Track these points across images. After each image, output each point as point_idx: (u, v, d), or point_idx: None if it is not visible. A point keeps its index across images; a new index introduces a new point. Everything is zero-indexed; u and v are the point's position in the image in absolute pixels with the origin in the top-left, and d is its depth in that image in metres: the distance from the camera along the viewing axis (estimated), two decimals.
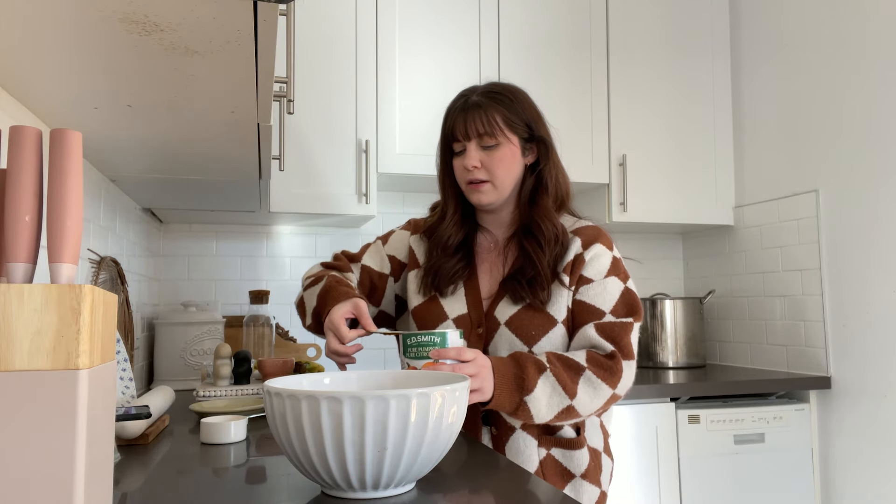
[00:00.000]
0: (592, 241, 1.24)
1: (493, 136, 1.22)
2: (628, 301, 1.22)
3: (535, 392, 1.10)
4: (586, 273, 1.22)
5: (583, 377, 1.14)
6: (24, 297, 0.49)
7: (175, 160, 1.37)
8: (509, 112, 1.24)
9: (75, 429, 0.49)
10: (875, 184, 2.01)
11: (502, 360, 1.13)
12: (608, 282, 1.22)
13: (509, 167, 1.24)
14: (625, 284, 1.23)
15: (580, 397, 1.13)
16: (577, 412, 1.15)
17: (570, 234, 1.26)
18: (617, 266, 1.25)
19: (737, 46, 2.55)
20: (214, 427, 1.11)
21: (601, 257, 1.24)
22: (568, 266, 1.23)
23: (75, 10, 0.70)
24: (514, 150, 1.24)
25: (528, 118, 1.26)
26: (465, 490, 0.82)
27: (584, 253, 1.23)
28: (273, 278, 2.40)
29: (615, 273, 1.23)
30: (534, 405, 1.11)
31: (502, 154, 1.23)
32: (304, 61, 2.08)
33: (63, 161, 0.54)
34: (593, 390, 1.14)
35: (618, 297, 1.22)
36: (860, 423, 2.03)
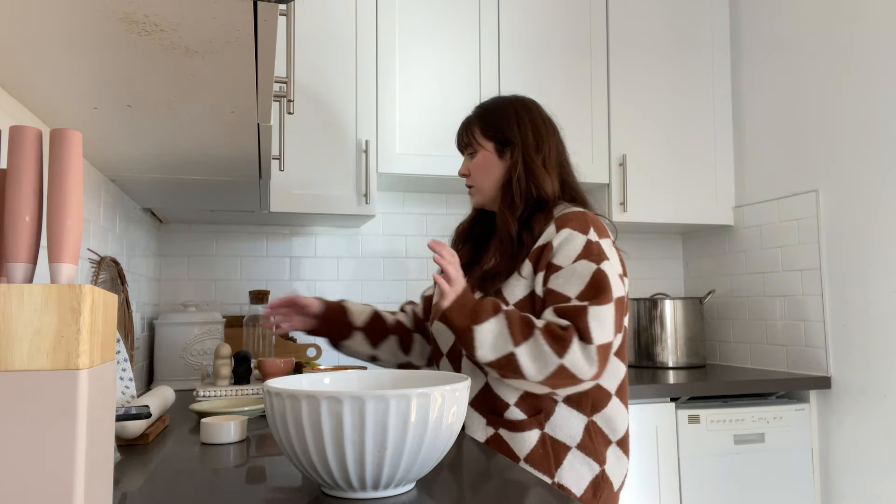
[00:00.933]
0: (563, 225, 1.25)
1: (471, 146, 1.40)
2: (597, 283, 1.19)
3: (483, 325, 1.16)
4: (555, 260, 1.23)
5: (532, 336, 1.15)
6: (24, 297, 0.49)
7: (175, 160, 1.37)
8: (483, 122, 1.39)
9: (75, 429, 0.49)
10: (875, 184, 2.01)
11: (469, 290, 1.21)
12: (577, 266, 1.21)
13: (486, 171, 1.37)
14: (597, 266, 1.20)
15: (521, 350, 1.14)
16: (521, 369, 1.14)
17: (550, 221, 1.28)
18: (590, 249, 1.22)
19: (737, 46, 2.55)
20: (214, 427, 1.11)
21: (570, 241, 1.23)
22: (535, 252, 1.26)
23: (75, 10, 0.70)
24: (489, 154, 1.37)
25: (501, 124, 1.37)
26: (465, 490, 0.82)
27: (553, 239, 1.24)
28: (273, 278, 2.40)
29: (587, 256, 1.21)
30: (479, 335, 1.16)
31: (478, 160, 1.39)
32: (304, 61, 2.08)
33: (63, 161, 0.54)
34: (537, 351, 1.14)
35: (588, 280, 1.19)
36: (860, 423, 2.03)
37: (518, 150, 1.34)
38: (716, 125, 2.51)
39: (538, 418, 1.23)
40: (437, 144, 2.17)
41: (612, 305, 1.18)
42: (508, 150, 1.36)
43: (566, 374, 1.15)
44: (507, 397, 1.25)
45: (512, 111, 1.38)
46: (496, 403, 1.26)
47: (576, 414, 1.25)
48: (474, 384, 1.30)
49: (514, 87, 2.26)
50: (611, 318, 1.17)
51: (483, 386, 1.28)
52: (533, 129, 1.36)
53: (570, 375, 1.15)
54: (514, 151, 1.35)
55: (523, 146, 1.34)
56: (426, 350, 1.55)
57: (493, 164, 1.37)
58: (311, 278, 2.43)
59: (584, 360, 1.15)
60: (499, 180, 1.36)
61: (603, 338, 1.16)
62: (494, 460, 0.97)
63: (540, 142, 1.35)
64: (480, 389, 1.29)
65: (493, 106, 1.41)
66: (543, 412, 1.24)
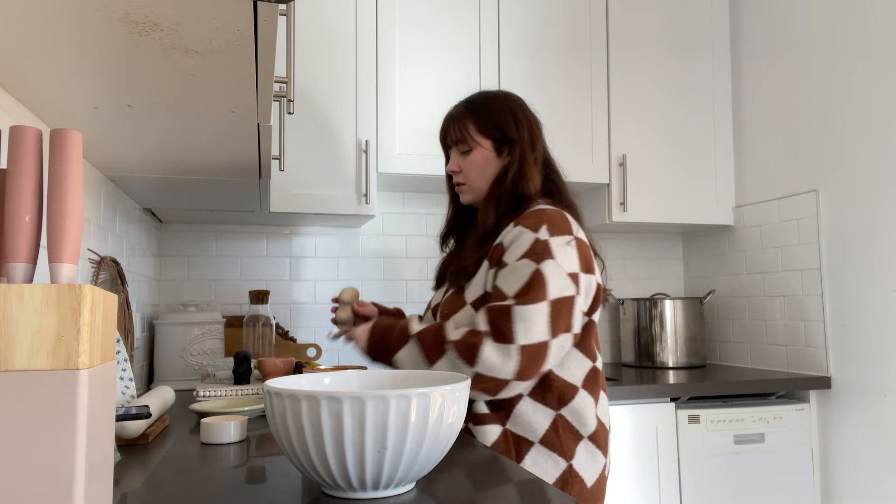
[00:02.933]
0: (518, 224, 1.24)
1: (465, 142, 1.36)
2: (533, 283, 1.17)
3: (398, 355, 1.24)
4: (505, 257, 1.22)
5: (444, 354, 1.19)
6: (24, 297, 0.49)
7: (175, 160, 1.37)
8: (479, 118, 1.35)
9: (75, 429, 0.49)
10: (875, 184, 2.01)
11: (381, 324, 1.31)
12: (518, 265, 1.20)
13: (482, 169, 1.35)
14: (537, 265, 1.18)
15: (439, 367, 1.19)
16: None
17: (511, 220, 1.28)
18: (535, 248, 1.20)
19: (737, 47, 2.55)
20: (214, 427, 1.11)
21: (518, 239, 1.22)
22: (492, 252, 1.26)
23: (75, 10, 0.70)
24: (486, 152, 1.35)
25: (500, 121, 1.35)
26: (465, 490, 0.82)
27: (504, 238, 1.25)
28: (273, 278, 2.40)
29: (530, 255, 1.19)
30: (400, 366, 1.24)
31: (474, 157, 1.35)
32: (304, 61, 2.08)
33: (63, 161, 0.54)
34: (451, 365, 1.18)
35: (526, 280, 1.17)
36: (860, 423, 2.03)
37: (518, 149, 1.33)
38: (716, 125, 2.51)
39: (500, 414, 1.24)
40: (437, 144, 2.17)
41: (545, 305, 1.16)
42: (507, 148, 1.34)
43: (484, 378, 1.16)
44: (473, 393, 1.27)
45: (507, 108, 1.36)
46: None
47: (541, 408, 1.24)
48: None
49: (514, 88, 2.26)
50: (541, 318, 1.15)
51: None
52: (528, 127, 1.35)
53: (490, 378, 1.16)
54: (513, 150, 1.33)
55: (521, 145, 1.33)
56: None
57: (491, 162, 1.35)
58: (311, 278, 2.43)
59: (499, 360, 1.15)
60: (493, 178, 1.35)
61: (528, 338, 1.14)
62: (495, 460, 0.97)
63: (534, 140, 1.35)
64: None
65: (485, 102, 1.38)
66: (505, 408, 1.24)
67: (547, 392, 1.25)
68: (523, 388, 1.19)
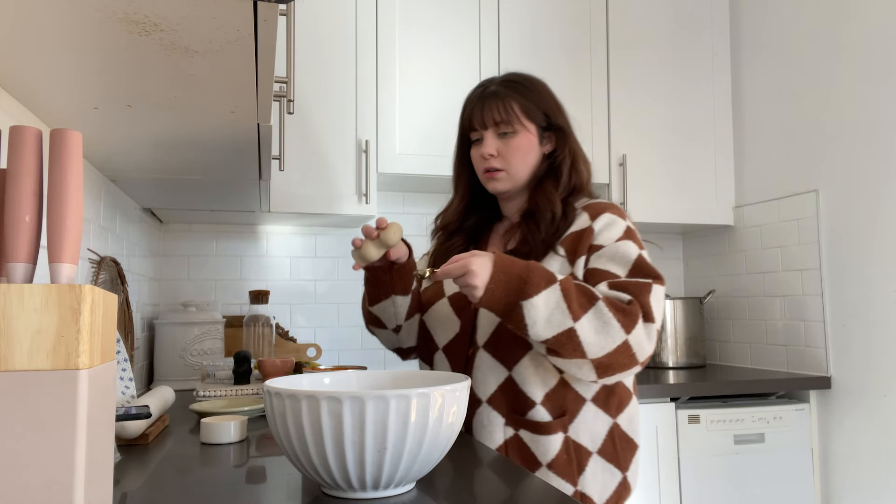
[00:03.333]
0: (601, 211, 1.20)
1: (509, 124, 1.23)
2: (645, 266, 1.13)
3: (534, 299, 1.02)
4: (597, 241, 1.16)
5: (594, 306, 1.04)
6: (24, 297, 0.49)
7: (175, 160, 1.37)
8: (527, 101, 1.25)
9: (75, 429, 0.49)
10: (875, 184, 2.01)
11: (509, 259, 1.05)
12: (621, 245, 1.15)
13: (525, 155, 1.25)
14: (640, 251, 1.15)
15: (583, 325, 1.02)
16: (581, 345, 1.02)
17: (577, 210, 1.22)
18: (631, 234, 1.18)
19: (737, 46, 2.55)
20: (214, 427, 1.11)
21: (612, 225, 1.18)
22: (570, 238, 1.18)
23: (75, 10, 0.70)
24: (532, 138, 1.25)
25: (546, 106, 1.26)
26: (465, 490, 0.82)
27: (592, 224, 1.18)
28: (273, 278, 2.40)
29: (629, 238, 1.16)
30: (530, 312, 1.02)
31: (518, 142, 1.24)
32: (304, 61, 2.08)
33: (63, 161, 0.54)
34: (602, 324, 1.03)
35: (633, 262, 1.13)
36: (860, 423, 2.03)
37: (569, 138, 1.27)
38: (716, 125, 2.51)
39: (562, 420, 1.14)
40: (437, 144, 2.17)
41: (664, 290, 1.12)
42: (550, 135, 1.27)
43: (628, 352, 1.04)
44: (534, 394, 1.14)
45: (549, 93, 1.29)
46: (520, 401, 1.15)
47: (601, 415, 1.16)
48: (493, 378, 1.17)
49: None
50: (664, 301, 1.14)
51: (505, 380, 1.16)
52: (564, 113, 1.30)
53: (631, 355, 1.05)
54: (559, 137, 1.27)
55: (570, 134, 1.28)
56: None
57: (534, 149, 1.26)
58: (310, 278, 2.43)
59: (646, 340, 1.06)
60: (535, 167, 1.26)
61: (659, 320, 1.09)
62: (494, 460, 0.97)
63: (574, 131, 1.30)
64: (500, 385, 1.16)
65: (528, 84, 1.28)
66: (568, 413, 1.14)
67: (610, 397, 1.17)
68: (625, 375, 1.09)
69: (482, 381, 1.18)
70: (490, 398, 1.17)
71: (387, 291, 1.26)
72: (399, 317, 1.30)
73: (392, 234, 1.11)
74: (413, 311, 1.32)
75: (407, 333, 1.35)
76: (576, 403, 1.15)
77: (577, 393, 1.16)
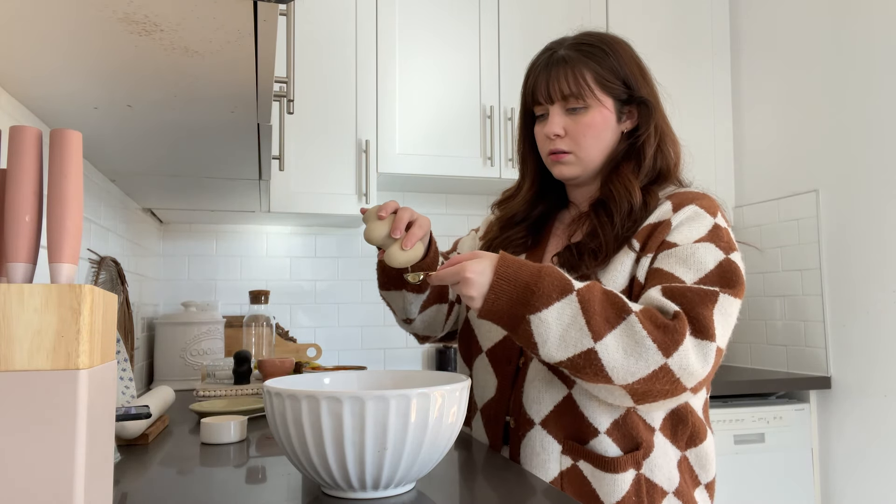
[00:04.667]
0: (687, 202, 0.98)
1: (580, 98, 1.02)
2: (726, 273, 0.92)
3: (543, 313, 0.84)
4: (671, 238, 0.95)
5: (625, 321, 0.85)
6: (24, 297, 0.49)
7: (175, 160, 1.37)
8: (602, 68, 1.03)
9: (75, 429, 0.49)
10: (875, 184, 2.01)
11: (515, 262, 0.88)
12: (699, 248, 0.93)
13: (599, 135, 1.03)
14: (726, 255, 0.94)
15: (608, 344, 0.84)
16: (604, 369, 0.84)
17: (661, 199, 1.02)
18: (717, 233, 0.96)
19: (737, 46, 2.55)
20: (214, 427, 1.11)
21: (695, 220, 0.96)
22: (645, 231, 0.98)
23: (75, 10, 0.70)
24: (607, 114, 1.04)
25: (627, 74, 1.04)
26: (465, 490, 0.82)
27: (672, 217, 0.97)
28: (273, 278, 2.40)
29: (713, 240, 0.95)
30: (539, 329, 0.85)
31: (591, 119, 1.03)
32: (304, 61, 2.08)
33: (63, 161, 0.54)
34: (633, 344, 0.84)
35: (711, 268, 0.92)
36: (860, 423, 2.03)
37: (656, 114, 1.05)
38: (716, 125, 2.51)
39: (635, 455, 0.94)
40: (437, 144, 2.17)
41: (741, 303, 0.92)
42: (632, 109, 1.06)
43: (668, 378, 0.85)
44: (598, 421, 0.95)
45: (633, 59, 1.07)
46: (580, 427, 0.96)
47: (671, 447, 0.97)
48: (550, 397, 0.98)
49: (514, 88, 2.26)
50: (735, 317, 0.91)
51: (562, 400, 0.97)
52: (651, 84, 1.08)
53: (673, 381, 0.85)
54: (642, 112, 1.05)
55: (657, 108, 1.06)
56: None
57: (610, 127, 1.04)
58: (310, 278, 2.43)
59: (697, 360, 0.86)
60: (611, 148, 1.05)
61: (723, 340, 0.89)
62: (494, 460, 0.97)
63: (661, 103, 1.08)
64: (558, 405, 0.97)
65: (605, 45, 1.04)
66: (643, 446, 0.95)
67: (679, 426, 0.98)
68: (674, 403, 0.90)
69: (536, 400, 0.98)
70: (544, 420, 0.97)
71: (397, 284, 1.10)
72: (409, 311, 1.14)
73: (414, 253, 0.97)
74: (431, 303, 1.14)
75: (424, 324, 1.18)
76: (648, 434, 0.96)
77: (646, 422, 0.96)
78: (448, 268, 0.88)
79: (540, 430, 0.97)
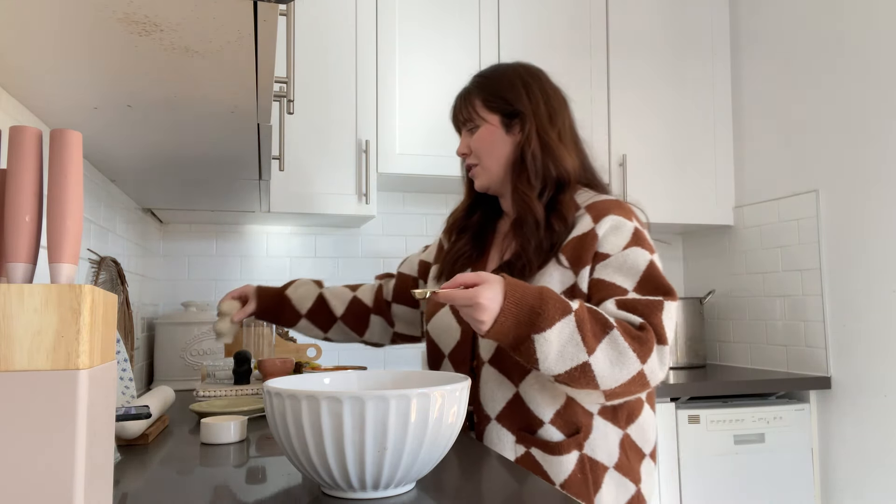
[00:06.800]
0: (605, 213, 1.11)
1: (471, 120, 1.23)
2: (654, 277, 1.06)
3: (547, 333, 0.94)
4: (602, 249, 1.09)
5: (609, 335, 0.97)
6: (24, 297, 0.49)
7: (175, 160, 1.37)
8: (487, 91, 1.22)
9: (75, 429, 0.49)
10: (875, 184, 2.01)
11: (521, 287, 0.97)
12: (629, 253, 1.07)
13: (490, 147, 1.21)
14: (650, 258, 1.08)
15: (598, 357, 0.96)
16: (595, 378, 0.97)
17: (580, 211, 1.14)
18: (639, 238, 1.10)
19: (737, 46, 2.55)
20: (214, 427, 1.11)
21: (618, 230, 1.10)
22: (572, 244, 1.11)
23: (75, 10, 0.70)
24: (493, 129, 1.21)
25: (507, 91, 1.21)
26: (465, 490, 0.82)
27: (595, 227, 1.10)
28: (273, 278, 2.40)
29: (637, 243, 1.09)
30: (542, 347, 0.95)
31: (480, 135, 1.22)
32: (304, 61, 2.08)
33: (63, 161, 0.54)
34: (617, 355, 0.97)
35: (643, 269, 1.06)
36: (860, 423, 2.03)
37: (530, 123, 1.18)
38: (716, 125, 2.51)
39: (577, 438, 1.09)
40: (437, 144, 2.17)
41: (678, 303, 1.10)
42: (517, 122, 1.20)
43: (641, 381, 0.99)
44: (542, 413, 1.09)
45: (518, 79, 1.22)
46: (528, 419, 1.10)
47: (612, 428, 1.11)
48: (501, 394, 1.12)
49: None
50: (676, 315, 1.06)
51: (512, 397, 1.12)
52: (544, 99, 1.21)
53: (643, 383, 1.00)
54: (524, 124, 1.19)
55: (536, 117, 1.19)
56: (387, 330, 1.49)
57: (500, 139, 1.21)
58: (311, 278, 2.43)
59: (658, 367, 1.01)
60: (507, 158, 1.20)
61: (671, 340, 1.04)
62: (494, 460, 0.97)
63: (553, 113, 1.20)
64: (509, 401, 1.12)
65: (494, 74, 1.25)
66: (582, 430, 1.09)
67: (618, 409, 1.12)
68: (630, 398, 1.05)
69: (490, 398, 1.13)
70: (499, 415, 1.12)
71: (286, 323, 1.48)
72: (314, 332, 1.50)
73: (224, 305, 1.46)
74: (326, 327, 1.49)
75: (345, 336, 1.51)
76: (587, 419, 1.10)
77: (584, 409, 1.11)
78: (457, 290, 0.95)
79: (496, 423, 1.12)
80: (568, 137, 1.22)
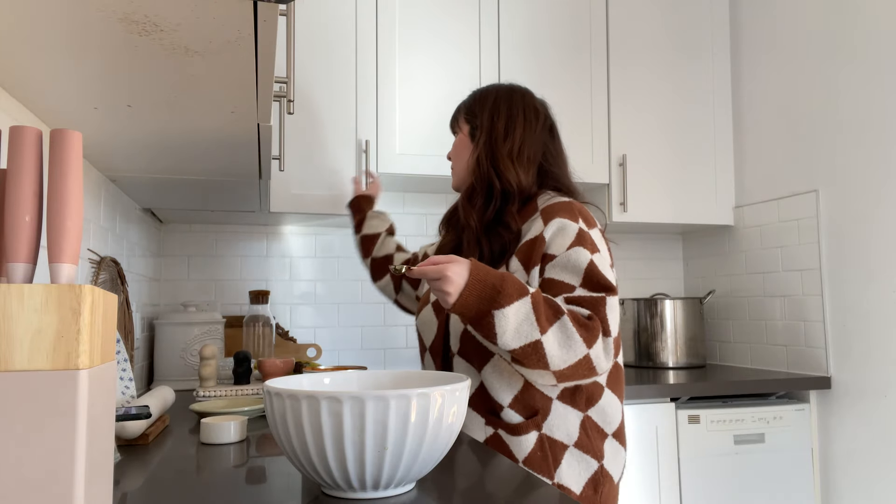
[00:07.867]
0: (552, 216, 1.22)
1: (455, 127, 1.42)
2: (595, 274, 1.16)
3: (506, 309, 1.05)
4: (549, 250, 1.19)
5: (560, 320, 1.08)
6: (24, 297, 0.49)
7: (175, 160, 1.37)
8: (467, 104, 1.39)
9: (75, 429, 0.49)
10: (875, 184, 2.01)
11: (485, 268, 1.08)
12: (571, 253, 1.17)
13: (459, 153, 1.39)
14: (591, 256, 1.17)
15: (549, 338, 1.06)
16: (546, 357, 1.07)
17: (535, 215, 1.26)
18: (582, 238, 1.19)
19: (737, 46, 2.55)
20: (214, 427, 1.11)
21: (563, 232, 1.20)
22: (525, 247, 1.22)
23: (75, 11, 0.70)
24: (463, 137, 1.38)
25: (476, 108, 1.36)
26: (465, 490, 0.82)
27: (543, 231, 1.21)
28: (273, 278, 2.40)
29: (580, 243, 1.18)
30: (501, 322, 1.05)
31: (455, 141, 1.41)
32: (304, 61, 2.08)
33: (63, 161, 0.54)
34: (565, 338, 1.07)
35: (584, 270, 1.16)
36: (860, 423, 2.03)
37: (483, 137, 1.32)
38: (716, 125, 2.51)
39: (535, 420, 1.20)
40: (438, 144, 2.17)
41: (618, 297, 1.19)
42: (477, 134, 1.34)
43: (587, 366, 1.10)
44: (502, 398, 1.22)
45: (492, 97, 1.35)
46: (491, 404, 1.23)
47: (571, 410, 1.22)
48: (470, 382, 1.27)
49: None
50: (618, 309, 1.17)
51: (479, 385, 1.25)
52: (507, 118, 1.32)
53: (590, 368, 1.10)
54: (480, 137, 1.33)
55: (490, 133, 1.31)
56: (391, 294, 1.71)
57: (466, 147, 1.37)
58: (310, 278, 2.43)
59: (604, 355, 1.12)
60: (469, 165, 1.36)
61: (616, 329, 1.14)
62: (495, 460, 0.97)
63: (510, 131, 1.31)
64: (476, 388, 1.26)
65: (481, 90, 1.40)
66: (540, 412, 1.21)
67: (576, 393, 1.22)
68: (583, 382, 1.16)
69: None
70: (470, 400, 1.25)
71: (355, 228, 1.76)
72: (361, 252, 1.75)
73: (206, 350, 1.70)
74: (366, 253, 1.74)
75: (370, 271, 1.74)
76: (545, 402, 1.21)
77: (542, 393, 1.21)
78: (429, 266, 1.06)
79: (468, 408, 1.25)
80: (524, 154, 1.30)
